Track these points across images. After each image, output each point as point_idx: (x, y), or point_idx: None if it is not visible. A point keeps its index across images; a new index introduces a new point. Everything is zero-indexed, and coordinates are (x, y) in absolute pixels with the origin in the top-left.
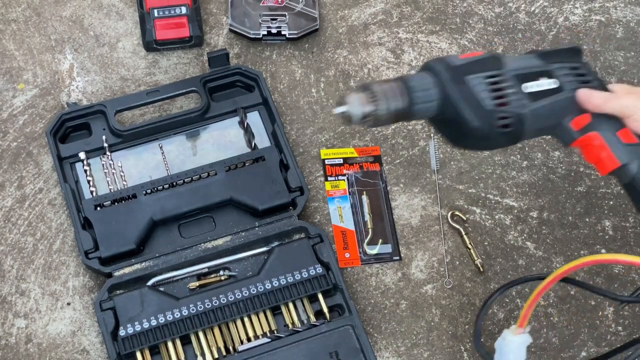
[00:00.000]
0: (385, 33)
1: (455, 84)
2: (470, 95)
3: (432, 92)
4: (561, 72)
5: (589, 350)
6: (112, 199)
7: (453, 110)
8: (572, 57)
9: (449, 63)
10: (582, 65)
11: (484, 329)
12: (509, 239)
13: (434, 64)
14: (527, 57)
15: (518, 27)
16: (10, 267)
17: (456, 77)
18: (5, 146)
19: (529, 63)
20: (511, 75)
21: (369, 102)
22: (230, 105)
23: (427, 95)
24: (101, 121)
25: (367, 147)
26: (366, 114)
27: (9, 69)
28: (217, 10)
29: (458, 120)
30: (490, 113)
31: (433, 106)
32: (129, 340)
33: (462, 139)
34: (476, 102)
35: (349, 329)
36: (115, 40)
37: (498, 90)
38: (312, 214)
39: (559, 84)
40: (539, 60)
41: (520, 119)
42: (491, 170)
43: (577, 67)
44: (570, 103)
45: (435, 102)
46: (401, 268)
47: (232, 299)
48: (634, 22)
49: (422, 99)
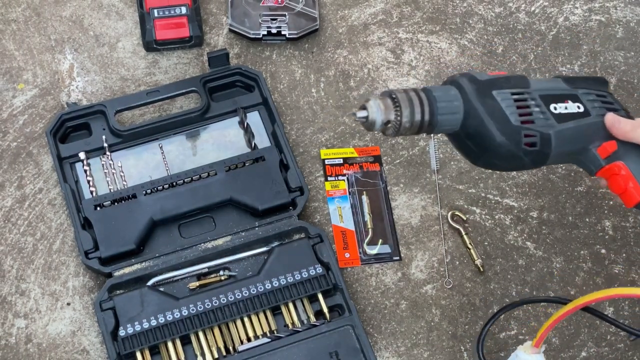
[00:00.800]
0: (385, 33)
1: (481, 97)
2: (496, 109)
3: (457, 105)
4: (588, 98)
5: (589, 351)
6: (112, 199)
7: (477, 123)
8: (599, 86)
9: (475, 77)
10: (608, 94)
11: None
12: (509, 239)
13: (459, 77)
14: (552, 80)
15: (518, 27)
16: (10, 267)
17: (482, 91)
18: (5, 146)
19: (555, 86)
20: (537, 95)
21: (391, 110)
22: (230, 105)
23: (451, 107)
24: (101, 121)
25: (367, 147)
26: (387, 121)
27: (9, 69)
28: (217, 10)
29: (482, 135)
30: (515, 129)
31: (457, 119)
32: (129, 340)
33: (485, 155)
34: (502, 117)
35: (349, 329)
36: (115, 40)
37: (524, 107)
38: (312, 214)
39: (585, 108)
40: (565, 84)
41: (546, 139)
42: (491, 170)
43: (603, 95)
44: (597, 128)
45: (459, 115)
46: (401, 268)
47: (232, 299)
48: (634, 22)
49: (446, 110)
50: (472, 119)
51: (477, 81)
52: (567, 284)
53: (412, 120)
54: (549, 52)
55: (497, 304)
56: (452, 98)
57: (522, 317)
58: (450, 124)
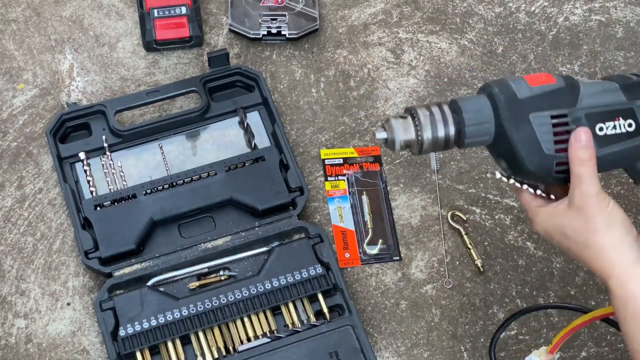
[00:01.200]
0: (385, 33)
1: (514, 121)
2: (530, 137)
3: (487, 127)
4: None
5: (589, 351)
6: (112, 199)
7: (507, 148)
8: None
9: (514, 94)
10: None
11: (484, 329)
12: (509, 239)
13: (497, 90)
14: (610, 87)
15: (518, 27)
16: (10, 267)
17: (518, 113)
18: (5, 146)
19: (609, 99)
20: (583, 114)
21: (411, 129)
22: (230, 105)
23: (480, 129)
24: (101, 121)
25: (367, 147)
26: (408, 142)
27: (9, 69)
28: (217, 10)
29: (511, 159)
30: (548, 158)
31: (485, 140)
32: (129, 340)
33: (518, 175)
34: (535, 145)
35: (349, 329)
36: (115, 40)
37: (563, 133)
38: (312, 214)
39: (635, 127)
40: (621, 95)
41: None
42: (491, 170)
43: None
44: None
45: (487, 137)
46: (401, 268)
47: (232, 299)
48: (634, 22)
49: (474, 133)
50: (502, 143)
51: (514, 98)
52: (567, 284)
53: (436, 137)
54: (549, 52)
55: (497, 304)
56: (483, 119)
57: (523, 317)
58: (481, 135)
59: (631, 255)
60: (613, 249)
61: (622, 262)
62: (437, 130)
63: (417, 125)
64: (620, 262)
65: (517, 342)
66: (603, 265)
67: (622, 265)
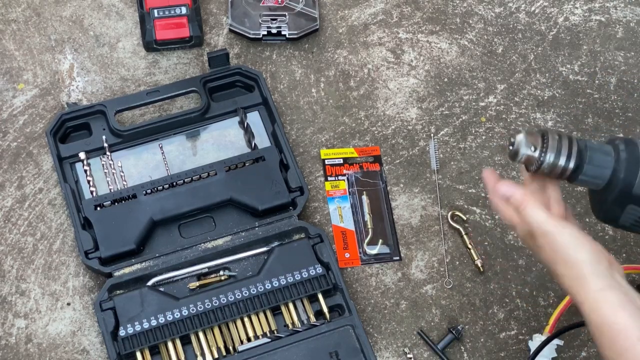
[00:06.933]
0: (385, 33)
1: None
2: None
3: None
4: None
5: (589, 351)
6: (112, 199)
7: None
8: None
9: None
10: None
11: (484, 329)
12: (509, 239)
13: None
14: None
15: (518, 27)
16: (10, 267)
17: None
18: (5, 146)
19: None
20: None
21: (537, 148)
22: (230, 105)
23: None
24: (101, 121)
25: (367, 147)
26: (529, 158)
27: (9, 69)
28: (217, 10)
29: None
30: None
31: (598, 185)
32: (129, 340)
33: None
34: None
35: (349, 329)
36: (115, 40)
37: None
38: (312, 214)
39: None
40: None
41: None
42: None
43: None
44: None
45: (602, 183)
46: (401, 268)
47: (232, 299)
48: (634, 22)
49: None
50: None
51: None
52: None
53: (555, 164)
54: (549, 52)
55: (497, 304)
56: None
57: (522, 317)
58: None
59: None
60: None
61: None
62: (559, 159)
63: (544, 147)
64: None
65: (517, 342)
66: (575, 292)
67: (593, 291)
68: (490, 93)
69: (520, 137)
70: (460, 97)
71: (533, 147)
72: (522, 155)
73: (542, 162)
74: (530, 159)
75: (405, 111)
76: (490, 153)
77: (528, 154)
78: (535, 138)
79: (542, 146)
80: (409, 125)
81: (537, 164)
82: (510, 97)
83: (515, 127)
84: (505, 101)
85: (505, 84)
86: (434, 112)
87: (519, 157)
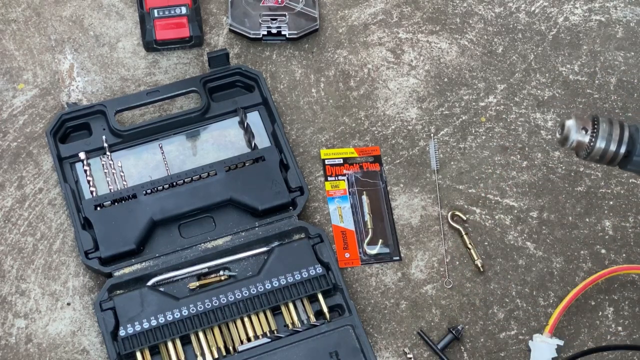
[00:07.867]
0: (385, 33)
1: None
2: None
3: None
4: None
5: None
6: (112, 199)
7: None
8: None
9: None
10: None
11: (484, 329)
12: (509, 239)
13: None
14: None
15: (518, 27)
16: (10, 267)
17: None
18: (5, 146)
19: None
20: None
21: (588, 133)
22: (230, 105)
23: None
24: (101, 121)
25: (367, 147)
26: (580, 143)
27: (9, 69)
28: (217, 10)
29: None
30: None
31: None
32: (129, 340)
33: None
34: None
35: (349, 329)
36: (115, 40)
37: None
38: (312, 214)
39: None
40: None
41: None
42: (491, 170)
43: None
44: None
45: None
46: (401, 268)
47: (232, 299)
48: (634, 22)
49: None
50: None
51: None
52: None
53: (606, 150)
54: (549, 52)
55: (497, 304)
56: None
57: (522, 317)
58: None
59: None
60: None
61: None
62: (610, 144)
63: (595, 133)
64: None
65: (517, 342)
66: None
67: None
68: (490, 93)
69: (571, 122)
70: (460, 97)
71: (584, 132)
72: (572, 140)
73: (593, 148)
74: (580, 144)
75: (405, 111)
76: (490, 153)
77: (578, 139)
78: (586, 123)
79: (592, 131)
80: (409, 125)
81: (588, 149)
82: (510, 97)
83: (515, 127)
84: (505, 101)
85: (505, 84)
86: (434, 112)
87: (570, 142)
